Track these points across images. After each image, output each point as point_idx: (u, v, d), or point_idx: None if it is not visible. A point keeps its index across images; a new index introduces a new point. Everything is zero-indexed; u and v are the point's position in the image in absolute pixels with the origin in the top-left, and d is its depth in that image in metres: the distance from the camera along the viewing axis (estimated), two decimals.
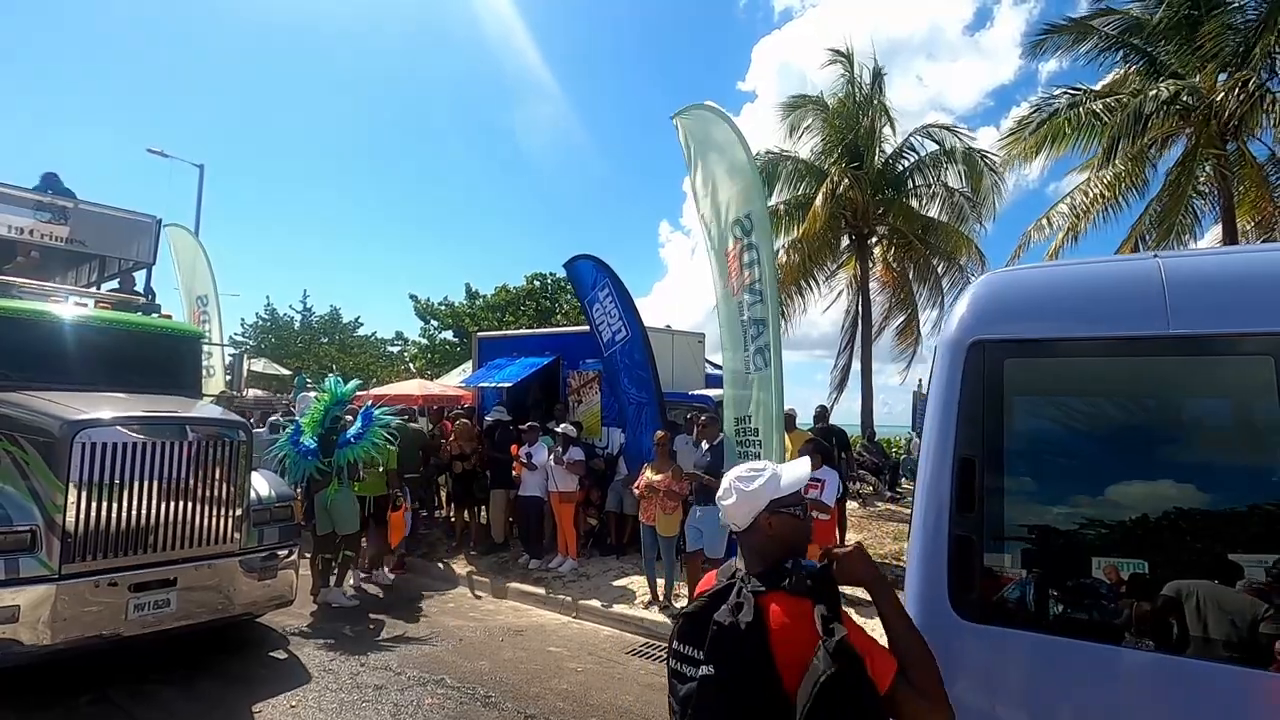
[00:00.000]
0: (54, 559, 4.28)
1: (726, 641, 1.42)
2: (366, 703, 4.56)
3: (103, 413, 4.64)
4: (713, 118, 6.81)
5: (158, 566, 4.67)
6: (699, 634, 1.47)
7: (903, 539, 9.34)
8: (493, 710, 4.55)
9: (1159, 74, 11.61)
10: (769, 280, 6.19)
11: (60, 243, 6.47)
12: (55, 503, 4.33)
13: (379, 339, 31.06)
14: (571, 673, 5.25)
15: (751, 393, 6.29)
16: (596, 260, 8.99)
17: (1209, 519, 1.75)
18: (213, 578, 4.96)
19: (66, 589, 4.28)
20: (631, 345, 8.35)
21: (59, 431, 4.42)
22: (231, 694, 4.64)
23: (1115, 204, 11.87)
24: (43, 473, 4.43)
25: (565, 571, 7.67)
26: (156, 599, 4.63)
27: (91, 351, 5.54)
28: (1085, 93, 12.11)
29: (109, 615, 4.44)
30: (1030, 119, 12.27)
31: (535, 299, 24.57)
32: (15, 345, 5.24)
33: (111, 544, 4.49)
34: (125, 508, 4.55)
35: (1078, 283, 2.07)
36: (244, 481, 5.23)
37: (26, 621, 4.10)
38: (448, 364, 21.58)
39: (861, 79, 16.12)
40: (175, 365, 6.11)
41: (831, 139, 16.09)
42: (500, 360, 10.28)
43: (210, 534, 4.94)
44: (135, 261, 7.26)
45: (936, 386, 2.05)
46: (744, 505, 1.62)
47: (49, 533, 4.31)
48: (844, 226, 16.58)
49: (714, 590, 1.56)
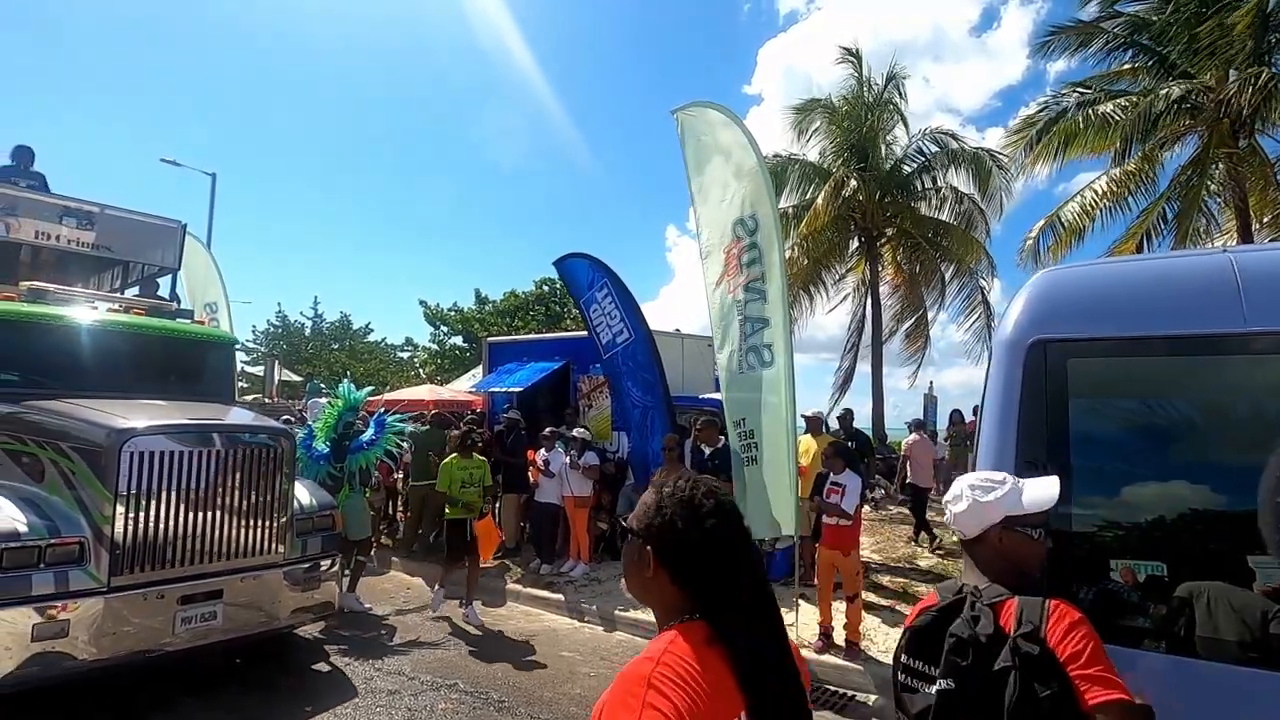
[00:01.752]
0: (103, 571, 4.15)
1: (966, 655, 1.42)
2: (380, 708, 4.57)
3: (149, 420, 4.52)
4: (721, 119, 6.73)
5: (205, 578, 4.55)
6: (930, 649, 1.49)
7: (916, 543, 9.27)
8: (506, 715, 4.55)
9: (1168, 73, 11.54)
10: (776, 281, 6.02)
11: (86, 248, 6.42)
12: (104, 513, 4.21)
13: (389, 345, 31.25)
14: (584, 677, 5.24)
15: (747, 394, 6.12)
16: (592, 259, 8.76)
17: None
18: (258, 589, 4.82)
19: (116, 602, 4.16)
20: (635, 347, 8.23)
21: (106, 440, 4.30)
22: (249, 702, 4.65)
23: (1122, 203, 11.77)
24: (90, 482, 4.30)
25: (577, 576, 7.67)
26: (203, 611, 4.50)
27: (128, 358, 5.48)
28: (1095, 92, 12.03)
29: (157, 629, 4.31)
30: (1037, 117, 12.20)
31: (545, 304, 24.65)
32: (52, 352, 5.17)
33: (160, 555, 4.37)
34: (173, 518, 4.43)
35: (1143, 279, 1.99)
36: (288, 490, 5.10)
37: (77, 635, 3.98)
38: (457, 369, 21.66)
39: (872, 79, 16.11)
40: (210, 372, 6.04)
41: (839, 140, 16.07)
42: (510, 365, 10.30)
43: (256, 544, 4.82)
44: (160, 267, 7.18)
45: (994, 390, 1.97)
46: (976, 515, 1.57)
47: (97, 544, 4.18)
48: (853, 229, 16.54)
49: (943, 605, 1.55)
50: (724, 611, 1.10)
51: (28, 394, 4.89)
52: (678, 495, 1.16)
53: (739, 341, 6.22)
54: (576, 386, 9.67)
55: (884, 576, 7.70)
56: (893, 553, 8.80)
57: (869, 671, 5.15)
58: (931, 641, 1.48)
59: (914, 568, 8.15)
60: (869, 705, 4.85)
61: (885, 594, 7.03)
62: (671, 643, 1.07)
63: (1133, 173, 11.56)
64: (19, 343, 5.06)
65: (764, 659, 1.09)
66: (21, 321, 5.07)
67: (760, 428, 6.01)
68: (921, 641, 1.52)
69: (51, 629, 3.89)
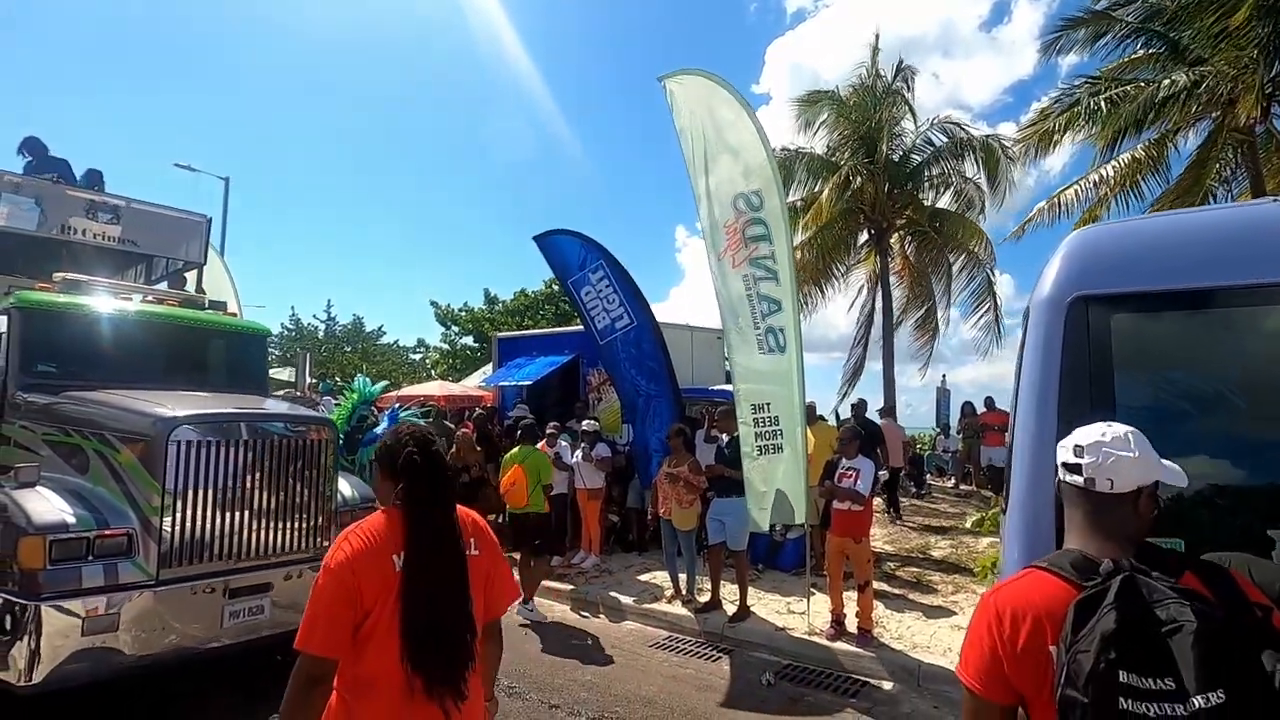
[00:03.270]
0: (151, 564, 4.03)
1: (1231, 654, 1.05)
2: None
3: (194, 410, 4.42)
4: (721, 94, 6.33)
5: (252, 571, 4.41)
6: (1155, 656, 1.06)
7: (928, 533, 9.23)
8: (517, 700, 4.57)
9: (1181, 58, 11.39)
10: (785, 261, 5.90)
11: (113, 243, 6.37)
12: (151, 504, 4.09)
13: (401, 346, 31.48)
14: (595, 665, 5.26)
15: (770, 381, 5.94)
16: (583, 238, 8.36)
17: None
18: (306, 584, 4.48)
19: (165, 595, 4.03)
20: (638, 334, 7.99)
21: (154, 430, 4.19)
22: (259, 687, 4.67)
23: (1135, 189, 11.64)
24: (137, 473, 4.18)
25: (588, 567, 7.69)
26: (251, 605, 4.35)
27: (165, 349, 5.41)
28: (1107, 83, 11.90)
29: (206, 623, 4.18)
30: (1050, 109, 12.09)
31: (554, 303, 24.70)
32: (90, 343, 5.09)
33: (208, 547, 4.24)
34: (221, 509, 4.30)
35: (1188, 231, 1.90)
36: (333, 481, 4.99)
37: (126, 630, 3.85)
38: (468, 369, 21.76)
39: (884, 71, 16.03)
40: (245, 364, 5.97)
41: (847, 133, 16.01)
42: (520, 359, 10.34)
43: (303, 537, 4.68)
44: (185, 262, 7.13)
45: (1032, 351, 1.87)
46: (1140, 468, 1.31)
47: (145, 535, 4.06)
48: (862, 221, 16.47)
49: (1095, 590, 1.17)
50: (413, 500, 1.81)
51: (66, 385, 4.81)
52: (393, 434, 1.93)
53: (754, 320, 6.00)
54: (586, 380, 9.69)
55: (896, 566, 7.66)
56: (905, 543, 8.76)
57: (881, 658, 5.13)
58: (1152, 647, 1.06)
59: (927, 558, 8.10)
60: (881, 691, 4.83)
61: (898, 584, 7.00)
62: (375, 516, 1.86)
63: (1142, 160, 11.43)
64: (57, 333, 5.01)
65: (427, 522, 1.80)
66: (59, 312, 5.02)
67: (782, 415, 5.87)
68: (1141, 649, 1.07)
69: (101, 623, 3.75)
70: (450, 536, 1.82)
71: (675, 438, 6.59)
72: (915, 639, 5.46)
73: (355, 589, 1.71)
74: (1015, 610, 1.27)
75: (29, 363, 4.85)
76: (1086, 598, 1.16)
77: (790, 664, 5.25)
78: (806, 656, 5.34)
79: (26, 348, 4.86)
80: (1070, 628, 1.14)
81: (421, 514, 1.79)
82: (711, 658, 5.44)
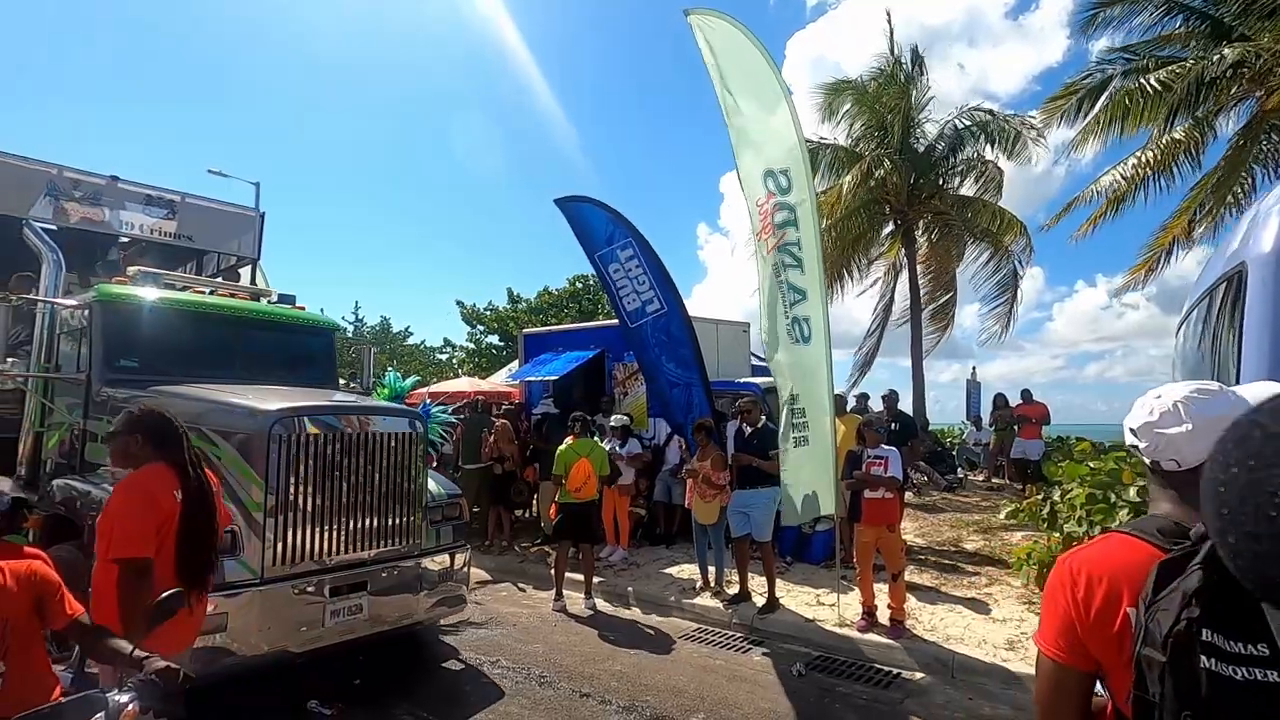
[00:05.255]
0: (256, 561, 3.93)
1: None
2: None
3: (293, 403, 4.30)
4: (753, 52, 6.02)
5: (351, 569, 4.31)
6: (1245, 619, 0.95)
7: (960, 527, 9.07)
8: (548, 689, 4.60)
9: (1223, 37, 11.04)
10: (811, 250, 5.77)
11: (170, 238, 6.39)
12: (254, 500, 3.98)
13: (427, 347, 31.86)
14: (625, 655, 5.26)
15: (798, 371, 5.86)
16: (612, 211, 7.98)
17: None
18: (399, 581, 4.57)
19: (270, 594, 3.93)
20: (668, 320, 7.83)
21: (256, 424, 4.08)
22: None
23: (1168, 173, 11.31)
24: (239, 468, 4.05)
25: (616, 561, 7.70)
26: (350, 605, 4.24)
27: (243, 344, 5.36)
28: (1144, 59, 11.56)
29: (309, 622, 4.07)
30: (1079, 84, 11.78)
31: (578, 300, 24.80)
32: (171, 338, 5.03)
33: (310, 544, 4.13)
34: (322, 504, 4.20)
35: None
36: (424, 476, 4.86)
37: (235, 630, 3.76)
38: (494, 368, 21.95)
39: (904, 60, 15.79)
40: (317, 357, 5.90)
41: (870, 122, 15.80)
42: (545, 355, 10.38)
43: (397, 532, 4.57)
44: (239, 257, 7.09)
45: (1256, 312, 1.69)
46: (1201, 439, 1.16)
47: (250, 532, 3.95)
48: (887, 212, 16.24)
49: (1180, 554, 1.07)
50: (176, 459, 2.75)
51: (149, 380, 4.71)
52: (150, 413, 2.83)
53: (784, 308, 5.90)
54: (611, 375, 9.70)
55: (928, 559, 7.55)
56: (937, 536, 8.62)
57: (914, 650, 5.06)
58: (1239, 608, 0.95)
59: (959, 550, 7.97)
60: (913, 682, 4.76)
61: (930, 576, 6.90)
62: (153, 467, 2.72)
63: (1180, 141, 11.09)
64: (138, 327, 4.94)
65: (190, 470, 2.76)
66: (141, 306, 4.96)
67: (809, 407, 5.79)
68: (1216, 604, 0.98)
69: (211, 624, 3.58)
70: (208, 484, 2.83)
71: (699, 431, 6.57)
72: (948, 631, 5.37)
73: (157, 507, 2.60)
74: (1091, 573, 1.20)
75: (112, 358, 4.77)
76: (1172, 559, 1.07)
77: (821, 655, 5.20)
78: (837, 648, 5.29)
79: (109, 342, 4.78)
80: (1152, 587, 1.07)
81: (187, 468, 2.76)
82: (742, 649, 5.42)
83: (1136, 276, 12.57)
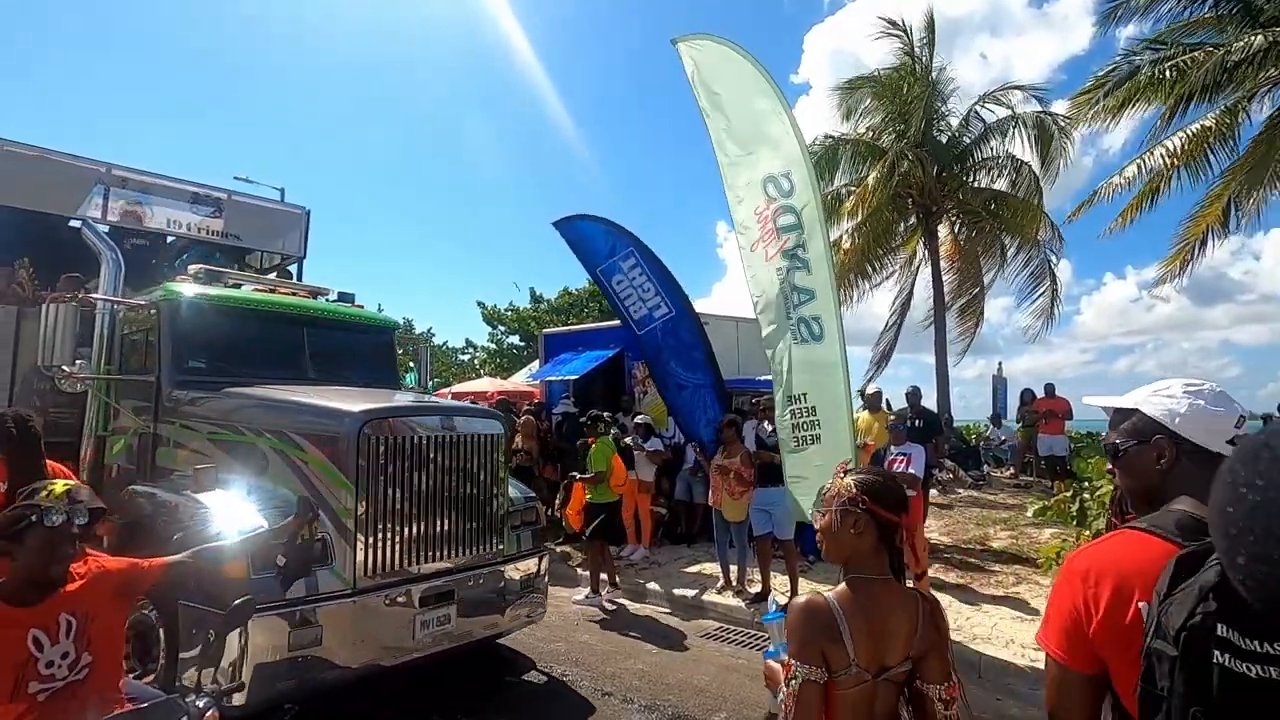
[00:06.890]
0: (348, 570, 3.71)
1: None
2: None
3: (378, 404, 4.12)
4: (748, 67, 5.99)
5: (439, 578, 4.09)
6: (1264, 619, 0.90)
7: (986, 524, 8.95)
8: (570, 687, 4.62)
9: (1255, 19, 10.74)
10: (819, 250, 5.66)
11: (217, 236, 6.28)
12: (345, 506, 3.76)
13: (450, 348, 32.11)
14: (646, 654, 5.26)
15: (806, 370, 5.73)
16: (610, 224, 8.00)
17: None
18: (484, 590, 4.35)
19: (362, 604, 3.72)
20: (676, 323, 7.76)
21: (343, 426, 3.84)
22: None
23: (1201, 162, 11.01)
24: (328, 472, 3.83)
25: (638, 559, 7.71)
26: (439, 615, 4.03)
27: (308, 343, 5.19)
28: (1172, 47, 11.29)
29: (400, 634, 3.87)
30: (1107, 78, 11.54)
31: (598, 300, 24.84)
32: (239, 338, 4.88)
33: (402, 552, 3.93)
34: (410, 510, 3.98)
35: None
36: (506, 479, 4.67)
37: (330, 642, 3.57)
38: (515, 368, 22.10)
39: (922, 53, 15.56)
40: (379, 357, 5.74)
41: (891, 115, 15.61)
42: (566, 355, 10.43)
43: (483, 539, 4.36)
44: (284, 255, 6.94)
45: None
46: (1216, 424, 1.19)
47: (341, 540, 3.73)
48: (910, 206, 16.04)
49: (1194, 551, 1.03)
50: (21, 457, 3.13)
51: (219, 381, 4.56)
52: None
53: (786, 311, 5.81)
54: (631, 374, 9.72)
55: (955, 556, 7.45)
56: (963, 534, 8.51)
57: None
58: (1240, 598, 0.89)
59: (986, 549, 7.85)
60: None
61: (956, 574, 6.81)
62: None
63: (1211, 128, 10.80)
64: (206, 328, 4.76)
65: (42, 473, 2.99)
66: (209, 305, 4.78)
67: (820, 405, 5.65)
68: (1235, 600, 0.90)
69: (306, 636, 3.45)
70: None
71: (728, 428, 6.55)
72: (975, 630, 5.30)
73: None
74: (1099, 570, 1.17)
75: (180, 359, 4.61)
76: (1191, 552, 1.03)
77: None
78: None
79: (177, 343, 4.61)
80: (1167, 582, 1.02)
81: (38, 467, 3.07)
82: (764, 648, 5.38)
83: (1171, 268, 12.23)
